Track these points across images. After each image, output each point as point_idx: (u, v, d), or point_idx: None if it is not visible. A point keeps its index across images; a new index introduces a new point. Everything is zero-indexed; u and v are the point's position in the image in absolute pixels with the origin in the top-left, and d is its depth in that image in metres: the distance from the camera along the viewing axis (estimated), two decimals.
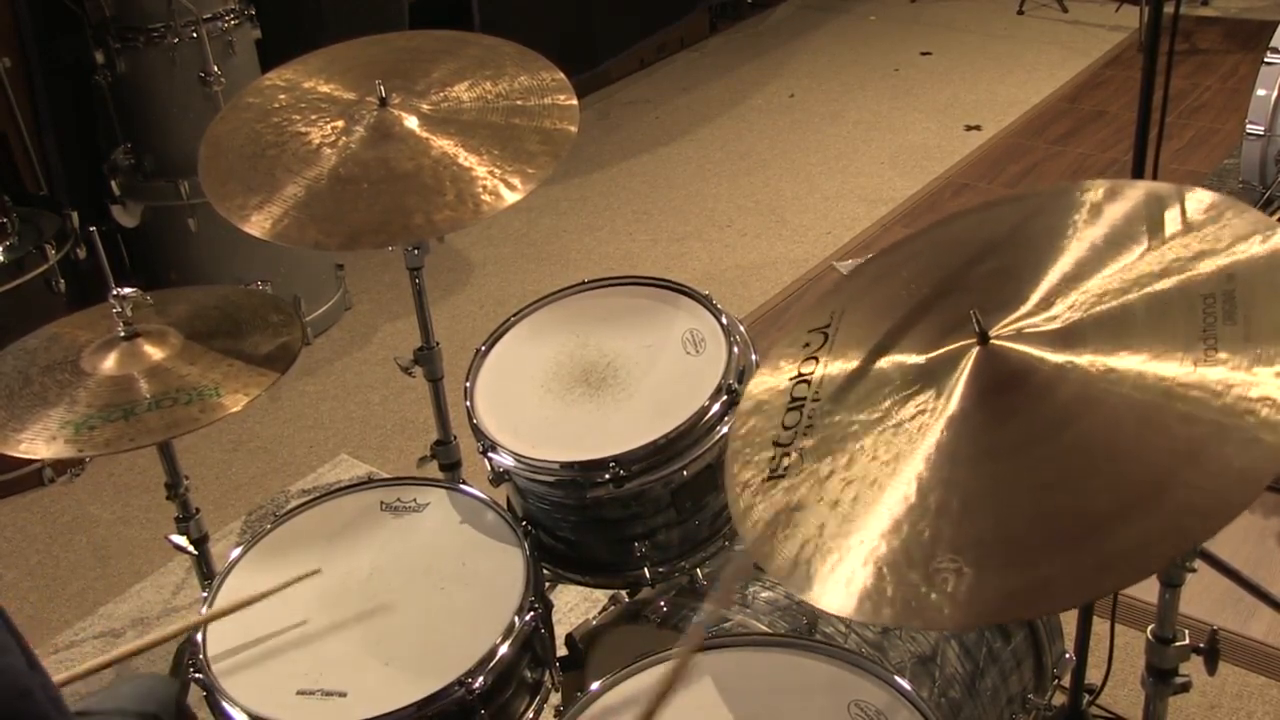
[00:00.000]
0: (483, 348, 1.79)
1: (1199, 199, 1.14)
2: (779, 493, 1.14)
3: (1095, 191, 1.23)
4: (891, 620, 0.98)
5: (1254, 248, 1.06)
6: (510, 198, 1.67)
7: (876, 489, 1.07)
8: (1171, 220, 1.14)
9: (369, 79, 1.81)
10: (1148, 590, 1.28)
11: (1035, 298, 1.14)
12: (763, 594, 1.60)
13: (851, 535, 1.04)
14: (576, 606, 2.37)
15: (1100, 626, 1.90)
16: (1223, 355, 0.98)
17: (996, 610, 0.98)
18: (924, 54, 5.31)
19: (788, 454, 1.17)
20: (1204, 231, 1.11)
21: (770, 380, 1.29)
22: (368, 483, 1.71)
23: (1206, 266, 1.07)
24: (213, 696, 1.40)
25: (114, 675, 2.05)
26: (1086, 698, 1.88)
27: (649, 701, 1.17)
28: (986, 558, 0.96)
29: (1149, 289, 1.08)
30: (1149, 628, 1.30)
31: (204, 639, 1.47)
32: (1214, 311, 1.02)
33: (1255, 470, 0.89)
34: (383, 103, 1.78)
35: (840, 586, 1.02)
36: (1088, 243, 1.17)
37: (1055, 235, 1.20)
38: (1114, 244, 1.15)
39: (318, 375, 3.39)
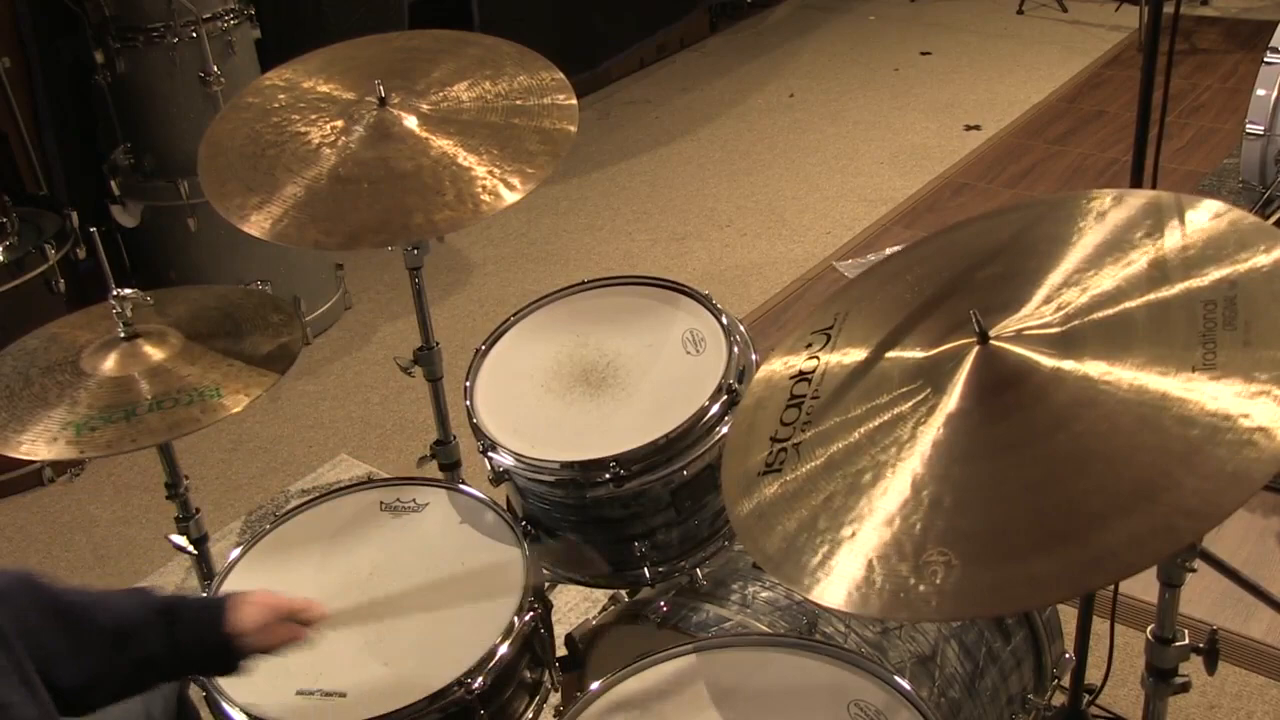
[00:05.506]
0: (483, 348, 1.79)
1: (1204, 208, 1.15)
2: (774, 486, 1.15)
3: (1101, 200, 1.24)
4: (879, 611, 0.99)
5: (1258, 257, 1.07)
6: (510, 198, 1.67)
7: (872, 483, 1.07)
8: (1175, 229, 1.15)
9: (369, 79, 1.81)
10: (1147, 590, 1.28)
11: (1036, 301, 1.15)
12: (762, 594, 1.60)
13: (843, 528, 1.05)
14: (576, 606, 2.37)
15: (1100, 626, 1.90)
16: (1221, 359, 0.98)
17: (984, 603, 0.99)
18: (924, 54, 5.31)
19: (784, 449, 1.18)
20: (1208, 240, 1.12)
21: (770, 378, 1.30)
22: (368, 483, 1.71)
23: (1209, 273, 1.08)
24: (212, 696, 1.40)
25: None
26: (1086, 698, 1.88)
27: None
28: (976, 551, 0.97)
29: (1150, 294, 1.09)
30: (1149, 628, 1.30)
31: None
32: (1214, 317, 1.03)
33: (1247, 473, 0.90)
34: (382, 103, 1.78)
35: (830, 577, 1.02)
36: (1091, 249, 1.18)
37: (1059, 241, 1.21)
38: (1117, 251, 1.16)
39: (318, 375, 3.39)
